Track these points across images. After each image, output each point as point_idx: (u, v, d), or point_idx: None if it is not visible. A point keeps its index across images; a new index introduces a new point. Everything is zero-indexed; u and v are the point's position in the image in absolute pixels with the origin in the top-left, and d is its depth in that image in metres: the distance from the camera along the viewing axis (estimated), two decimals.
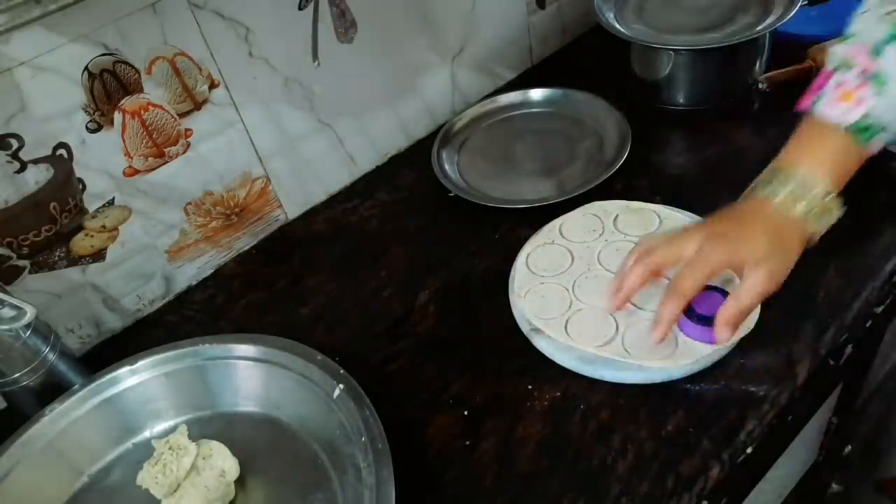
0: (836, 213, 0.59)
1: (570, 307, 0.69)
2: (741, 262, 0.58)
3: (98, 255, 0.78)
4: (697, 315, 0.63)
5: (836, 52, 0.57)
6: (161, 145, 0.77)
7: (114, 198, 0.76)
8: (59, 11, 0.56)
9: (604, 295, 0.69)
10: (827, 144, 0.57)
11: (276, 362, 0.66)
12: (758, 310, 0.64)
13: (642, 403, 0.63)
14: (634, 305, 0.68)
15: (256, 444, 0.66)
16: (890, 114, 0.55)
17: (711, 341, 0.62)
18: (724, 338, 0.59)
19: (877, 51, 0.54)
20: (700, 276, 0.58)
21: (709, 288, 0.62)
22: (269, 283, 0.86)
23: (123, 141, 0.74)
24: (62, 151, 0.71)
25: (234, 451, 0.64)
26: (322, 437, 0.64)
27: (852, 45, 0.56)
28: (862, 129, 0.55)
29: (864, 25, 0.55)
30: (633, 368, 0.63)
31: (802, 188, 0.57)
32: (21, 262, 0.73)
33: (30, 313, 0.61)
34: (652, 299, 0.68)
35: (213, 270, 0.89)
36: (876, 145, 0.57)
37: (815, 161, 0.57)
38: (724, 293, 0.63)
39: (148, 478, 0.62)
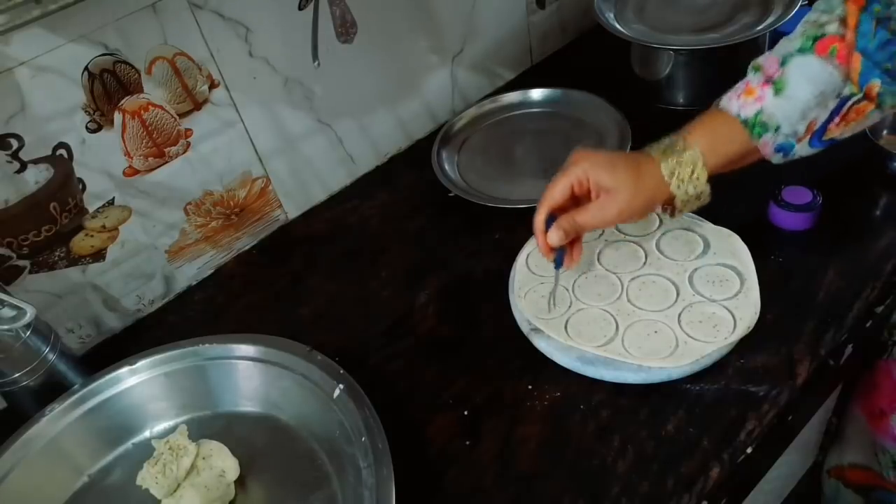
0: (702, 192, 0.62)
1: (570, 307, 0.69)
2: (596, 183, 0.62)
3: (98, 255, 0.78)
4: (786, 203, 0.72)
5: (756, 61, 0.62)
6: (161, 145, 0.77)
7: (114, 198, 0.77)
8: (59, 11, 0.56)
9: (604, 295, 0.69)
10: (717, 129, 0.62)
11: (276, 362, 0.66)
12: (758, 310, 0.65)
13: (642, 403, 0.63)
14: (634, 306, 0.68)
15: (256, 444, 0.66)
16: (782, 115, 0.58)
17: (802, 228, 0.72)
18: (553, 240, 0.64)
19: (784, 61, 0.59)
20: (562, 183, 0.63)
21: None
22: (269, 283, 0.86)
23: (123, 141, 0.74)
24: (62, 151, 0.71)
25: (234, 451, 0.64)
26: (322, 437, 0.64)
27: (770, 55, 0.61)
28: (754, 124, 0.59)
29: (784, 43, 0.61)
30: (633, 368, 0.63)
31: (676, 152, 0.61)
32: (21, 262, 0.73)
33: (30, 313, 0.61)
34: (652, 300, 0.68)
35: (213, 270, 0.89)
36: (766, 143, 0.60)
37: (699, 137, 0.61)
38: (814, 191, 0.73)
39: (148, 478, 0.62)
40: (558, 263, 0.67)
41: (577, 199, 0.65)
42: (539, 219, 0.65)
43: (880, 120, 0.80)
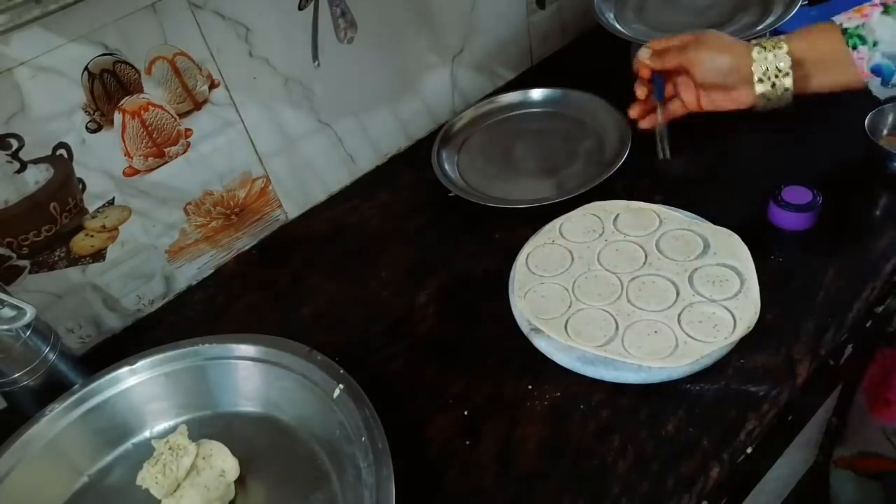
0: (785, 86, 0.67)
1: (570, 307, 0.69)
2: (698, 37, 0.71)
3: (98, 255, 0.78)
4: (786, 202, 0.72)
5: None
6: (161, 145, 0.77)
7: (114, 198, 0.77)
8: (59, 11, 0.56)
9: (604, 295, 0.69)
10: (817, 28, 0.66)
11: (276, 362, 0.66)
12: (758, 310, 0.65)
13: (642, 403, 0.63)
14: (634, 306, 0.68)
15: (256, 444, 0.66)
16: (882, 31, 0.61)
17: (802, 228, 0.73)
18: (642, 54, 0.75)
19: None
20: (669, 41, 0.73)
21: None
22: (269, 283, 0.86)
23: (123, 141, 0.74)
24: (62, 151, 0.71)
25: (234, 451, 0.64)
26: (322, 437, 0.64)
27: None
28: (854, 35, 0.63)
29: None
30: (633, 368, 0.63)
31: (773, 40, 0.67)
32: (21, 262, 0.73)
33: (30, 313, 0.61)
34: (652, 300, 0.68)
35: (213, 270, 0.89)
36: (861, 56, 0.63)
37: (796, 35, 0.67)
38: (814, 192, 0.73)
39: (148, 478, 0.62)
40: (659, 91, 0.77)
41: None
42: (644, 52, 0.74)
43: (881, 120, 0.80)
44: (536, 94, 1.02)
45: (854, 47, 0.62)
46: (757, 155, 0.86)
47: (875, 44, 0.61)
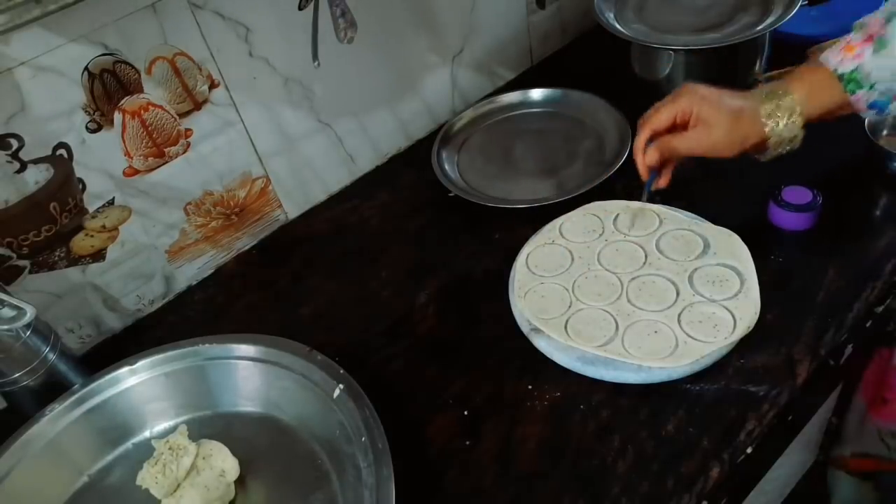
0: (796, 136, 0.66)
1: (570, 307, 0.69)
2: (697, 115, 0.68)
3: (98, 255, 0.78)
4: (786, 202, 0.72)
5: (861, 20, 0.64)
6: (161, 145, 0.77)
7: (114, 198, 0.77)
8: (59, 11, 0.56)
9: (604, 295, 0.69)
10: (815, 80, 0.65)
11: (276, 362, 0.66)
12: (758, 310, 0.65)
13: (642, 403, 0.63)
14: (634, 306, 0.68)
15: (256, 444, 0.66)
16: (878, 73, 0.61)
17: (802, 228, 0.73)
18: (650, 159, 0.71)
19: (888, 19, 0.61)
20: (667, 111, 0.69)
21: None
22: (269, 283, 0.86)
23: (123, 141, 0.74)
24: (62, 151, 0.71)
25: (234, 451, 0.64)
26: (322, 437, 0.64)
27: (873, 16, 0.63)
28: (850, 80, 0.62)
29: (892, 4, 0.63)
30: (633, 368, 0.63)
31: (777, 96, 0.66)
32: (21, 262, 0.73)
33: (30, 313, 0.61)
34: (652, 300, 0.68)
35: (213, 270, 0.89)
36: (859, 99, 0.63)
37: (798, 86, 0.65)
38: (814, 191, 0.73)
39: (148, 478, 0.62)
40: (650, 181, 0.74)
41: (674, 126, 0.71)
42: (641, 139, 0.71)
43: (881, 120, 0.80)
44: (536, 94, 1.02)
45: (853, 92, 0.62)
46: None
47: (871, 86, 0.62)
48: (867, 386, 0.93)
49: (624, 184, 0.85)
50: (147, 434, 0.69)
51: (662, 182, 0.74)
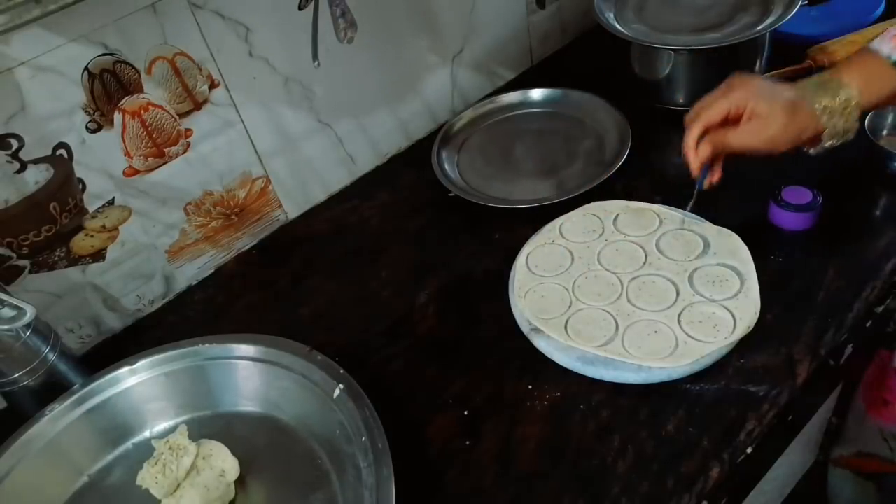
0: (851, 128, 0.65)
1: (570, 307, 0.69)
2: (752, 110, 0.65)
3: (98, 255, 0.78)
4: (786, 202, 0.72)
5: None
6: (161, 145, 0.77)
7: (114, 198, 0.77)
8: (59, 11, 0.56)
9: (604, 295, 0.69)
10: (869, 69, 0.64)
11: (276, 362, 0.66)
12: (758, 310, 0.65)
13: (642, 403, 0.63)
14: (634, 306, 0.68)
15: (256, 444, 0.66)
16: None
17: (802, 228, 0.73)
18: (703, 154, 0.68)
19: None
20: (721, 105, 0.67)
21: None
22: (269, 283, 0.86)
23: (123, 141, 0.74)
24: (62, 151, 0.71)
25: (234, 451, 0.64)
26: (322, 437, 0.64)
27: None
28: None
29: None
30: (633, 368, 0.63)
31: (830, 90, 0.64)
32: (21, 262, 0.73)
33: (30, 313, 0.61)
34: (652, 300, 0.68)
35: (213, 270, 0.89)
36: None
37: (852, 77, 0.64)
38: (814, 192, 0.73)
39: (148, 478, 0.62)
40: (702, 177, 0.70)
41: (726, 120, 0.68)
42: (693, 135, 0.68)
43: (881, 120, 0.80)
44: (536, 94, 1.02)
45: None
46: (757, 155, 0.86)
47: None
48: (867, 387, 0.93)
49: (624, 184, 0.85)
50: (147, 434, 0.69)
51: (715, 178, 0.71)
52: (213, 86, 0.78)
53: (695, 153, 0.68)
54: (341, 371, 0.63)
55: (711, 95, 0.68)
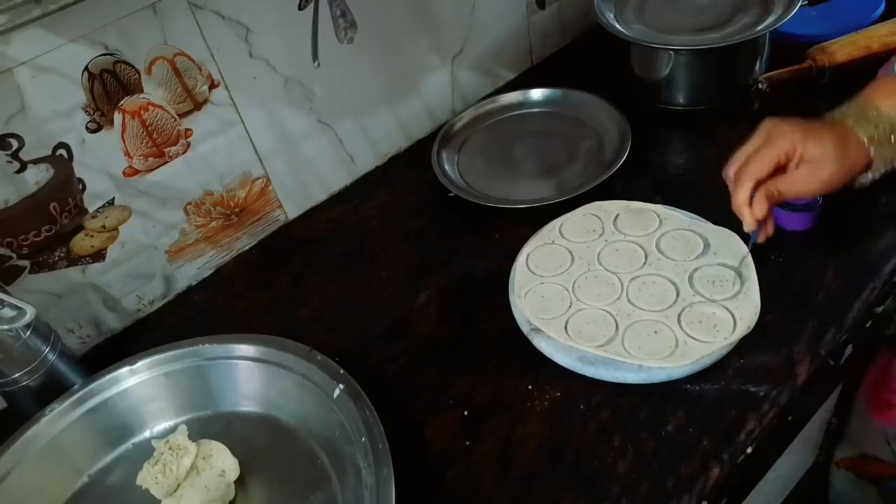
0: None
1: (570, 307, 0.69)
2: (802, 155, 0.62)
3: (98, 255, 0.78)
4: (786, 202, 0.69)
5: None
6: (161, 145, 0.77)
7: (114, 198, 0.77)
8: (59, 11, 0.56)
9: (604, 295, 0.69)
10: None
11: (276, 362, 0.66)
12: (758, 310, 0.65)
13: (642, 403, 0.63)
14: (634, 306, 0.68)
15: (256, 444, 0.66)
16: None
17: (802, 228, 0.72)
18: (758, 213, 0.63)
19: None
20: (769, 156, 0.62)
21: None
22: (269, 283, 0.86)
23: (123, 141, 0.74)
24: (62, 151, 0.71)
25: (234, 451, 0.64)
26: (322, 437, 0.64)
27: None
28: None
29: None
30: (633, 368, 0.63)
31: (871, 119, 0.62)
32: (21, 262, 0.73)
33: (30, 313, 0.61)
34: (652, 300, 0.68)
35: (213, 270, 0.89)
36: None
37: (888, 101, 0.62)
38: None
39: (148, 478, 0.62)
40: (755, 234, 0.66)
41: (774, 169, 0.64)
42: (744, 192, 0.63)
43: None
44: (536, 94, 1.02)
45: None
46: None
47: None
48: (871, 390, 0.93)
49: (624, 184, 0.85)
50: (147, 434, 0.69)
51: (770, 230, 0.67)
52: (213, 86, 0.78)
53: (749, 210, 0.63)
54: (341, 371, 0.63)
55: (750, 145, 0.64)
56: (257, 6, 0.77)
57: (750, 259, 0.69)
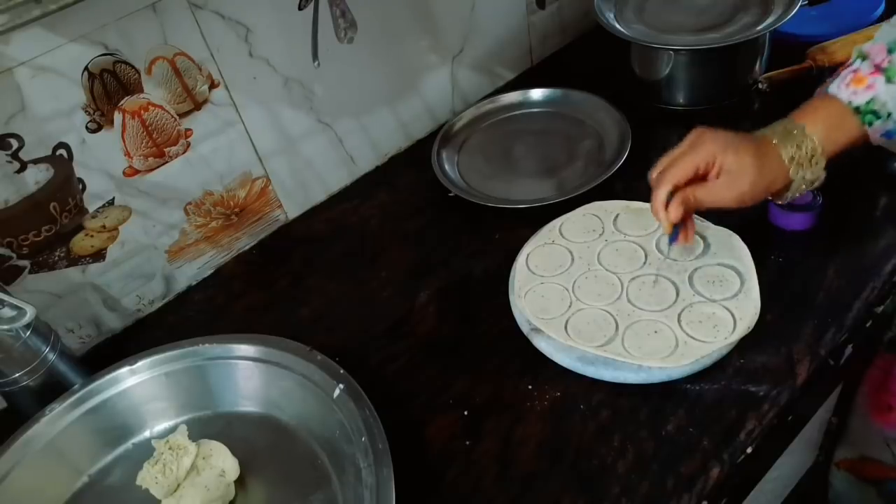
0: (818, 177, 0.64)
1: (570, 307, 0.69)
2: (721, 165, 0.63)
3: (98, 255, 0.78)
4: (787, 203, 0.68)
5: (860, 48, 0.63)
6: (161, 145, 0.77)
7: (114, 198, 0.77)
8: (59, 11, 0.56)
9: (604, 295, 0.69)
10: (831, 115, 0.63)
11: (276, 362, 0.66)
12: (758, 310, 0.65)
13: (642, 403, 0.63)
14: (634, 306, 0.68)
15: (256, 444, 0.66)
16: (894, 102, 0.60)
17: (802, 228, 0.73)
18: (673, 216, 0.64)
19: (891, 49, 0.60)
20: (688, 163, 0.63)
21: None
22: (269, 283, 0.86)
23: (123, 141, 0.74)
24: (62, 151, 0.71)
25: (234, 451, 0.64)
26: (322, 437, 0.64)
27: (873, 44, 0.62)
28: (867, 112, 0.61)
29: (887, 29, 0.62)
30: (633, 368, 0.63)
31: (794, 138, 0.62)
32: (21, 262, 0.73)
33: (30, 313, 0.61)
34: (652, 300, 0.68)
35: (213, 270, 0.89)
36: (876, 130, 0.62)
37: (814, 123, 0.63)
38: (814, 192, 0.72)
39: (148, 478, 0.62)
40: (673, 238, 0.67)
41: (694, 176, 0.65)
42: (662, 194, 0.64)
43: None
44: (536, 94, 1.02)
45: (870, 124, 0.61)
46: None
47: (888, 115, 0.60)
48: (871, 392, 0.93)
49: (624, 184, 0.85)
50: (147, 434, 0.69)
51: (688, 241, 0.68)
52: (213, 86, 0.78)
53: (665, 213, 0.64)
54: (341, 371, 0.63)
55: (676, 151, 0.65)
56: (257, 6, 0.77)
57: (750, 259, 0.69)
